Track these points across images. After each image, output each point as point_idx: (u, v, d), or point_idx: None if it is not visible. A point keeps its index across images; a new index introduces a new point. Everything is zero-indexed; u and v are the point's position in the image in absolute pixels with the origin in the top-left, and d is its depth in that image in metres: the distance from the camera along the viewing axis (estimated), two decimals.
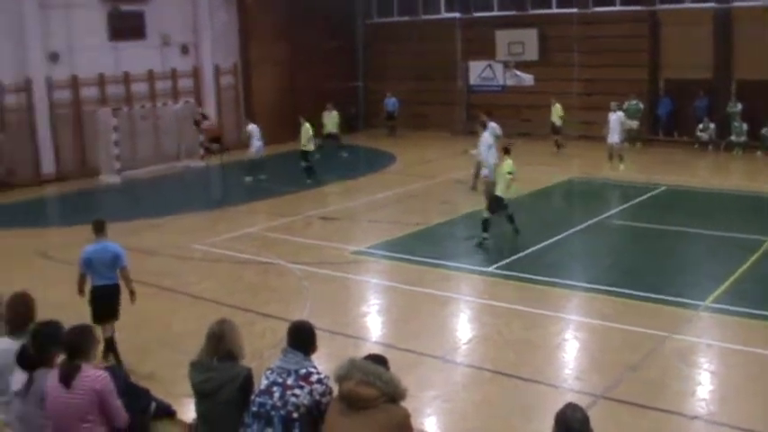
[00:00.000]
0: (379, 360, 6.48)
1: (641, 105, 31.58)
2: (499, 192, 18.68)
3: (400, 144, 34.92)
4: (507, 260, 17.34)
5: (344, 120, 34.46)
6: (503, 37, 36.10)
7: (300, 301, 14.84)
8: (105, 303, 12.06)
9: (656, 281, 15.58)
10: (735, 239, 18.54)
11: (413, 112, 38.72)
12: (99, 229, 12.16)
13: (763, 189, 24.03)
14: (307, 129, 27.25)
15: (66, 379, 6.75)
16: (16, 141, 29.02)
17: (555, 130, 31.54)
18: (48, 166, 29.91)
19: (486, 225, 18.37)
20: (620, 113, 27.94)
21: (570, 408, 5.72)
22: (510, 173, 18.63)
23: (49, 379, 6.90)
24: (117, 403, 7.07)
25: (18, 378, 7.33)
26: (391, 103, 38.06)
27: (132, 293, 12.20)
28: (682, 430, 10.15)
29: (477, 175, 24.10)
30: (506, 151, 19.47)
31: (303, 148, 27.33)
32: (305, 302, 14.78)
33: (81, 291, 12.06)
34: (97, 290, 12.04)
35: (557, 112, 31.39)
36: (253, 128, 27.94)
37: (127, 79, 32.16)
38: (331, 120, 32.74)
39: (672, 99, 32.41)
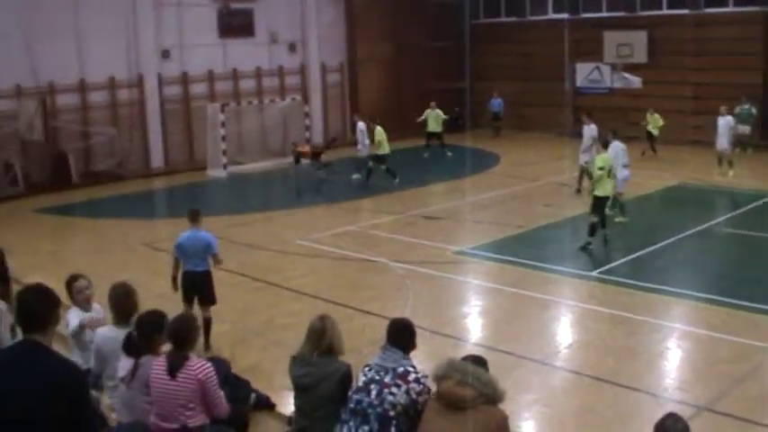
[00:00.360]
0: (479, 361, 6.44)
1: (754, 110, 30.58)
2: (598, 191, 18.25)
3: (504, 145, 34.68)
4: (611, 265, 17.01)
5: (447, 119, 34.26)
6: (611, 38, 35.56)
7: (401, 300, 14.83)
8: (196, 288, 12.45)
9: (766, 291, 15.13)
10: None
11: (518, 113, 38.45)
12: (193, 218, 12.61)
13: None
14: (380, 132, 26.88)
15: (173, 369, 6.89)
16: (128, 135, 29.83)
17: (650, 137, 30.62)
18: (157, 159, 30.69)
19: (592, 229, 18.05)
20: (730, 118, 27.15)
21: (671, 418, 5.58)
22: (601, 168, 18.16)
23: (155, 366, 7.04)
24: (219, 393, 7.18)
25: (124, 364, 7.50)
26: (497, 103, 37.81)
27: (218, 263, 12.67)
28: None
29: (581, 178, 23.81)
30: (604, 145, 19.06)
31: (379, 152, 26.97)
32: (406, 301, 14.75)
33: (174, 278, 12.50)
34: (188, 274, 12.43)
35: (654, 123, 30.49)
36: (362, 125, 27.96)
37: (235, 76, 32.73)
38: (435, 118, 32.62)
39: None
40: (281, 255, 18.36)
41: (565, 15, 37.45)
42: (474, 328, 14.09)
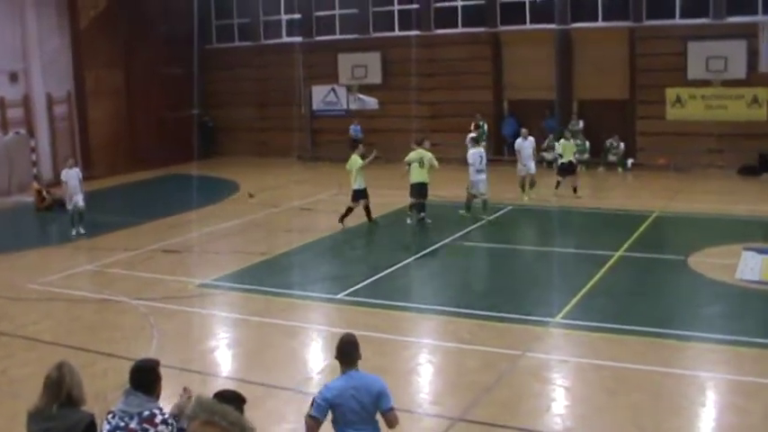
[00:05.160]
0: (233, 396, 6.21)
1: (486, 127, 31.82)
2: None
3: (243, 172, 34.18)
4: (356, 286, 17.10)
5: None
6: (346, 60, 36.15)
7: (146, 339, 14.25)
8: None
9: (508, 300, 15.81)
10: (582, 255, 19.10)
11: (255, 138, 38.39)
12: None
13: (605, 205, 24.92)
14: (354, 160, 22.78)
15: None
16: None
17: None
18: None
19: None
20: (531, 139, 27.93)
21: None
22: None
23: None
24: None
25: None
26: (357, 129, 36.13)
27: None
28: None
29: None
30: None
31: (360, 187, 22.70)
32: (150, 339, 14.20)
33: None
34: None
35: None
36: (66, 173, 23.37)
37: None
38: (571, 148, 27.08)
39: (515, 118, 33.03)
40: (10, 301, 17.14)
41: (298, 39, 37.69)
42: (223, 361, 13.79)
